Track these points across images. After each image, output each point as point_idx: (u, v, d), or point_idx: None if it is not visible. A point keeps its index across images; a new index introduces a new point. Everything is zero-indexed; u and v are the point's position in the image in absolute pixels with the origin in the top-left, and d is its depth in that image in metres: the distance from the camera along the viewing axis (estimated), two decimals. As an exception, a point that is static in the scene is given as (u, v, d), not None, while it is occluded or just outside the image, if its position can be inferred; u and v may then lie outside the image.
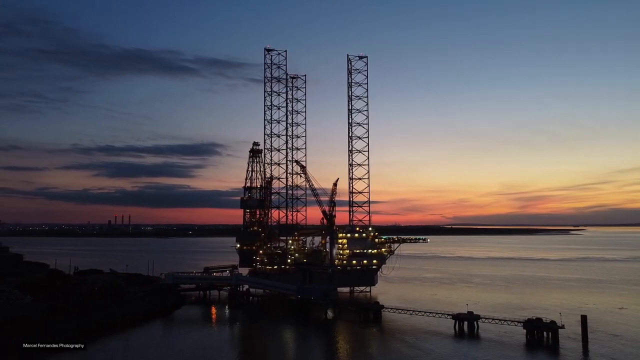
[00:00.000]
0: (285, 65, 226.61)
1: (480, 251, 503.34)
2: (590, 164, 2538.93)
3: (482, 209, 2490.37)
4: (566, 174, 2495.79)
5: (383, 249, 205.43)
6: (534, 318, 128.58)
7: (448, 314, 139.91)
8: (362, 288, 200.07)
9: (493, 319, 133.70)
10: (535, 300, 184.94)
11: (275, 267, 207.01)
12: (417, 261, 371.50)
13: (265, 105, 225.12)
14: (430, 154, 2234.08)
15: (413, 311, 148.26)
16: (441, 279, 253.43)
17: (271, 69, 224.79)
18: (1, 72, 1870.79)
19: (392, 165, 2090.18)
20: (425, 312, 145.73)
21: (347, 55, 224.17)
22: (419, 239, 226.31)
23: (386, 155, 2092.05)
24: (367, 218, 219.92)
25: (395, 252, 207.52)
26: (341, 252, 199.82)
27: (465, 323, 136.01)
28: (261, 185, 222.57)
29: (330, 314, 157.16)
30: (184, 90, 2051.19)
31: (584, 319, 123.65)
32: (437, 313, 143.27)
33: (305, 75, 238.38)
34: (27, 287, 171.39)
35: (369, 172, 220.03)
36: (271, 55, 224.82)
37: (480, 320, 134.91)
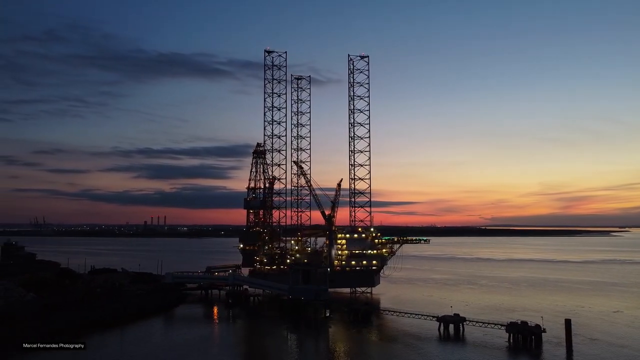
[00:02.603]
0: (286, 66, 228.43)
1: (504, 252, 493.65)
2: (636, 163, 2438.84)
3: (521, 210, 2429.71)
4: (611, 173, 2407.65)
5: (384, 250, 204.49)
6: (519, 322, 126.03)
7: (433, 316, 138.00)
8: (363, 289, 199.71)
9: (477, 322, 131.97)
10: (532, 303, 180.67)
11: (274, 267, 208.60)
12: (431, 262, 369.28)
13: (265, 107, 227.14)
14: (468, 154, 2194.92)
15: (400, 312, 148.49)
16: (447, 281, 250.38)
17: (272, 71, 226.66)
18: (45, 78, 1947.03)
19: (429, 166, 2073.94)
20: (411, 313, 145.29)
21: (348, 55, 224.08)
22: (421, 239, 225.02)
23: (423, 155, 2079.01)
24: (368, 218, 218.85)
25: (397, 252, 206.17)
26: (340, 252, 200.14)
27: (451, 325, 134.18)
28: (264, 186, 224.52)
29: (320, 314, 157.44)
30: (219, 92, 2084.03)
31: (568, 322, 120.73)
32: (422, 315, 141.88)
33: (309, 76, 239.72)
34: (32, 284, 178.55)
35: (370, 172, 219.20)
36: (272, 57, 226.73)
37: (464, 323, 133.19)
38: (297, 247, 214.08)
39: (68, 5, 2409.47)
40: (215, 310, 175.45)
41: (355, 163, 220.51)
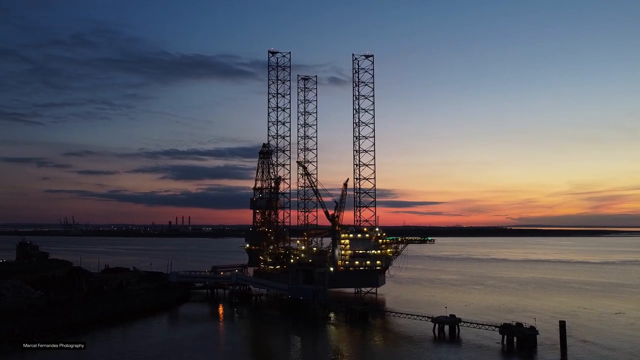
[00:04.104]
0: (290, 67, 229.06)
1: (522, 253, 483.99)
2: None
3: (550, 210, 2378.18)
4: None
5: (388, 250, 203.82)
6: (514, 323, 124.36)
7: (428, 317, 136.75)
8: (368, 289, 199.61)
9: (471, 323, 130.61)
10: (535, 304, 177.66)
11: (278, 267, 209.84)
12: (444, 263, 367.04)
13: (269, 107, 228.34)
14: (495, 153, 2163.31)
15: (396, 313, 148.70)
16: (454, 281, 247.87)
17: (276, 72, 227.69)
18: (73, 81, 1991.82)
19: (455, 165, 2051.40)
20: (407, 314, 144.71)
21: (353, 54, 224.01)
22: (426, 239, 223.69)
23: (449, 155, 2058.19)
24: (373, 218, 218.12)
25: (404, 252, 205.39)
26: (343, 252, 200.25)
27: (446, 326, 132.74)
28: (270, 186, 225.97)
29: (318, 314, 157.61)
30: (242, 93, 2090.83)
31: (562, 324, 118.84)
32: (417, 316, 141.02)
33: (316, 77, 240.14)
34: (41, 283, 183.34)
35: (374, 171, 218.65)
36: (276, 58, 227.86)
37: (459, 324, 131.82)
38: (303, 247, 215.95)
39: (94, 9, 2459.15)
40: (217, 309, 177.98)
41: (360, 163, 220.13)
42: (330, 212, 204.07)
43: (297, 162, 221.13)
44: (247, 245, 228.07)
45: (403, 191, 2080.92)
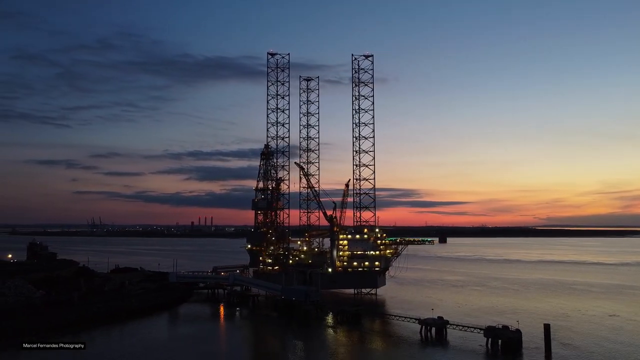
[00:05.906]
0: (289, 68, 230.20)
1: (539, 254, 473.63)
2: None
3: (579, 210, 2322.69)
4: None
5: (387, 251, 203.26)
6: (500, 326, 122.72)
7: (415, 319, 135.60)
8: (367, 290, 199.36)
9: (457, 325, 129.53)
10: (530, 305, 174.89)
11: (277, 267, 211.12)
12: (453, 263, 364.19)
13: (268, 109, 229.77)
14: (522, 151, 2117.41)
15: (386, 315, 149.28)
16: (457, 282, 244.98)
17: (276, 73, 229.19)
18: (99, 85, 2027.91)
19: (481, 164, 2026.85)
20: (396, 316, 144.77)
21: (352, 54, 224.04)
22: (426, 240, 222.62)
23: (474, 153, 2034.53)
24: (373, 219, 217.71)
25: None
26: (342, 253, 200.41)
27: (433, 329, 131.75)
28: (271, 187, 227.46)
29: (311, 315, 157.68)
30: (264, 94, 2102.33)
31: (546, 327, 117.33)
32: (405, 317, 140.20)
33: (318, 77, 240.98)
34: (43, 282, 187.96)
35: (374, 172, 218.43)
36: (276, 59, 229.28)
37: (445, 326, 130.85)
38: (304, 248, 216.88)
39: (118, 14, 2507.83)
40: (215, 309, 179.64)
41: (361, 163, 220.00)
42: (329, 212, 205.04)
43: (295, 163, 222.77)
44: (249, 246, 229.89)
45: (427, 191, 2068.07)
